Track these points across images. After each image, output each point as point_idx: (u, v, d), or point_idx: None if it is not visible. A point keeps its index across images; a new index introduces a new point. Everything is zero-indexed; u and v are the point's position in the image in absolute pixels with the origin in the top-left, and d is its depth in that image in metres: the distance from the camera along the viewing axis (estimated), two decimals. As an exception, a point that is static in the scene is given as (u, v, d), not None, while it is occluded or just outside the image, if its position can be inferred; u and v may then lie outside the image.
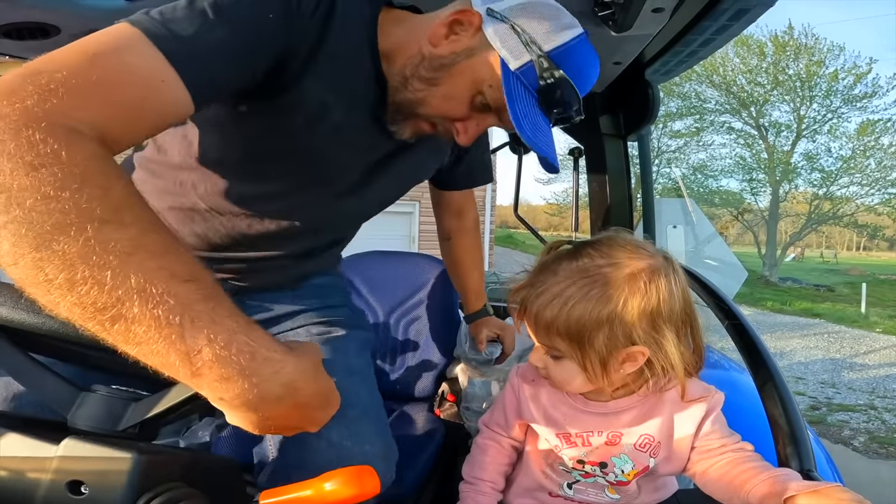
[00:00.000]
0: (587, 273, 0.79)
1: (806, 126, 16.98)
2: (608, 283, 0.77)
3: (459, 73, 0.80)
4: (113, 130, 0.55)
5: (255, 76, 0.72)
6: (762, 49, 16.57)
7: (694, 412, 0.85)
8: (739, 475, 0.78)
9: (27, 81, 0.50)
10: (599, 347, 0.77)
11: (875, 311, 11.92)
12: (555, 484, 0.91)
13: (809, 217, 17.97)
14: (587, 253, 0.81)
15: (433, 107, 0.83)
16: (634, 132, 1.66)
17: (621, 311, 0.76)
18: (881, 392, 5.95)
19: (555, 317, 0.78)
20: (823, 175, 17.22)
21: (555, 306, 0.78)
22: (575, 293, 0.78)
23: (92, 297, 0.44)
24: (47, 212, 0.44)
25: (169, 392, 0.60)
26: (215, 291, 0.50)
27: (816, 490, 0.68)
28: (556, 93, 0.78)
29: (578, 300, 0.77)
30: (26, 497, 0.52)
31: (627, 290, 0.76)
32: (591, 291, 0.77)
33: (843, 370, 6.86)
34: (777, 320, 10.66)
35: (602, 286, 0.77)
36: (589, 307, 0.76)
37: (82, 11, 1.06)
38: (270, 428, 0.54)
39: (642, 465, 0.86)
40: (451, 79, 0.80)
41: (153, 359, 0.47)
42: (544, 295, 0.79)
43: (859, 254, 35.58)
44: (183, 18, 0.64)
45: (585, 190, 1.83)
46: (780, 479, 0.73)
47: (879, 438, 4.60)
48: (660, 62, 1.33)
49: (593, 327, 0.77)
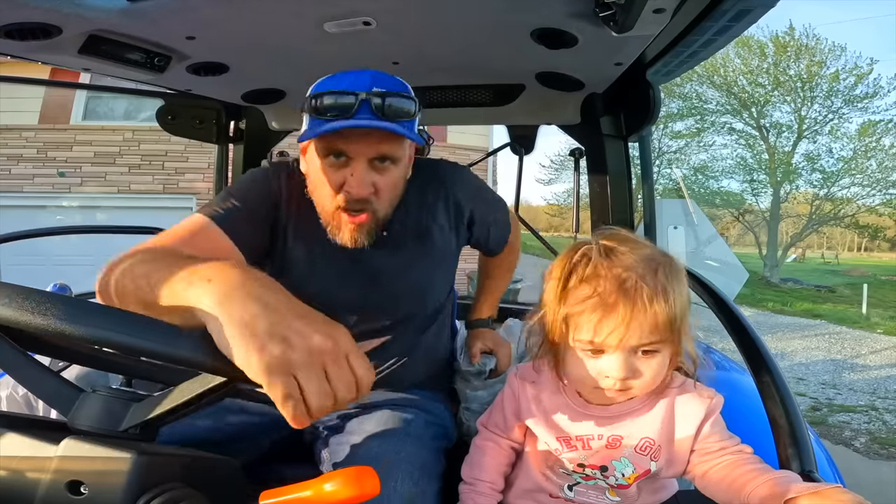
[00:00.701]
0: (653, 258, 0.79)
1: (807, 127, 16.95)
2: (674, 270, 0.79)
3: (308, 168, 1.06)
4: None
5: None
6: (763, 50, 16.55)
7: (694, 415, 0.85)
8: (739, 477, 0.78)
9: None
10: (686, 324, 0.79)
11: (876, 312, 11.90)
12: (555, 486, 0.91)
13: (810, 218, 17.94)
14: (622, 250, 0.80)
15: (318, 197, 1.05)
16: (635, 133, 1.65)
17: (686, 295, 0.80)
18: (882, 393, 5.93)
19: (664, 305, 0.75)
20: (824, 176, 17.19)
21: (660, 294, 0.76)
22: (661, 278, 0.77)
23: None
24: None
25: (170, 393, 0.60)
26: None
27: (817, 491, 0.68)
28: (316, 103, 0.97)
29: (669, 281, 0.77)
30: (26, 497, 0.52)
31: (680, 276, 0.79)
32: (669, 269, 0.79)
33: (844, 371, 6.85)
34: (778, 321, 10.65)
35: (676, 272, 0.79)
36: (683, 292, 0.78)
37: (84, 11, 1.06)
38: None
39: (643, 468, 0.85)
40: (309, 176, 1.06)
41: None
42: (646, 288, 0.76)
43: (860, 255, 35.52)
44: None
45: (586, 191, 1.82)
46: (780, 481, 0.73)
47: (880, 439, 4.59)
48: (661, 63, 1.32)
49: (683, 305, 0.78)
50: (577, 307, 0.78)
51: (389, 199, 1.04)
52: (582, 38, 1.14)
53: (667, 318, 0.76)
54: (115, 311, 0.55)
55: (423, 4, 1.08)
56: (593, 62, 1.31)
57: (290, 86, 1.68)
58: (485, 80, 1.58)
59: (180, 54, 1.34)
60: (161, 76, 1.42)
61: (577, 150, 1.84)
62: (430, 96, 1.67)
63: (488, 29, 1.17)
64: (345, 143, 0.97)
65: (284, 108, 1.87)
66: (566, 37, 1.14)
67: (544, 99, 1.62)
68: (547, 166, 22.61)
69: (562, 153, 20.79)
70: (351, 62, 1.43)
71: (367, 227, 1.02)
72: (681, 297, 0.78)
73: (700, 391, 0.86)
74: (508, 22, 1.12)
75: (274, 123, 2.01)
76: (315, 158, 1.01)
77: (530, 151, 2.04)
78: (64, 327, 0.51)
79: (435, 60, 1.40)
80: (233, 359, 0.53)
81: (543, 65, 1.38)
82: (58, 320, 0.51)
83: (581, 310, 0.78)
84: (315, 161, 1.02)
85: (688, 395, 0.85)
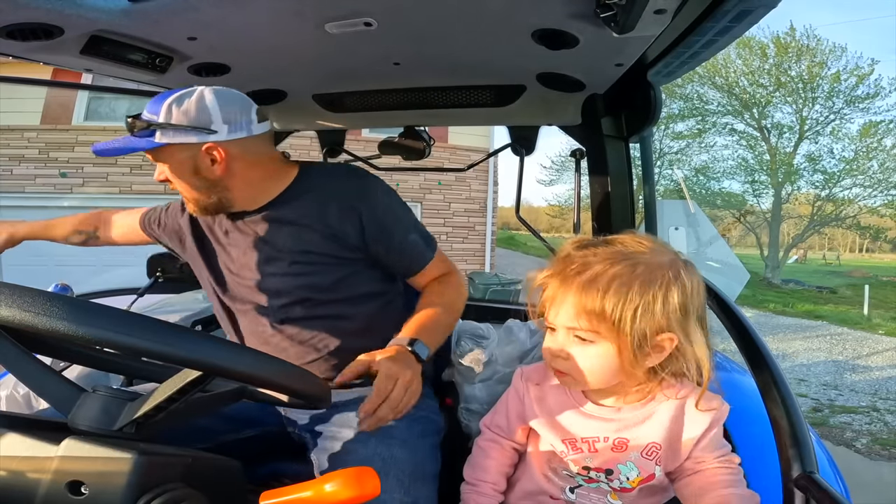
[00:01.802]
0: (629, 257, 0.79)
1: (808, 127, 16.92)
2: (651, 266, 0.78)
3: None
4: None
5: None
6: (764, 50, 16.53)
7: (701, 422, 0.84)
8: (705, 487, 0.83)
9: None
10: (637, 330, 0.76)
11: (878, 313, 11.88)
12: (557, 488, 0.91)
13: (812, 219, 17.90)
14: (620, 241, 0.82)
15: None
16: (636, 134, 1.65)
17: (664, 295, 0.77)
18: (884, 394, 5.92)
19: (600, 297, 0.76)
20: (826, 177, 17.15)
21: (598, 284, 0.77)
22: (620, 272, 0.77)
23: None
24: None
25: (157, 389, 0.60)
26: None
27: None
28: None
29: (624, 280, 0.77)
30: (26, 497, 0.52)
31: (670, 275, 0.78)
32: (636, 271, 0.77)
33: (846, 372, 6.84)
34: (779, 322, 10.63)
35: (646, 268, 0.78)
36: (635, 287, 0.76)
37: (86, 12, 1.06)
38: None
39: (647, 472, 0.85)
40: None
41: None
42: (585, 273, 0.78)
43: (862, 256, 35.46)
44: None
45: (587, 191, 1.82)
46: (729, 500, 0.78)
47: (882, 440, 4.58)
48: (662, 64, 1.32)
49: (636, 308, 0.76)
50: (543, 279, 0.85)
51: (184, 189, 1.16)
52: (583, 39, 1.14)
53: (597, 309, 0.77)
54: (116, 312, 0.55)
55: (424, 5, 1.08)
56: (594, 63, 1.30)
57: (291, 87, 1.68)
58: (485, 80, 1.58)
59: (182, 55, 1.34)
60: (162, 77, 1.42)
61: (577, 151, 1.84)
62: (431, 97, 1.67)
63: (489, 30, 1.17)
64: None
65: (286, 109, 1.87)
66: (567, 37, 1.14)
67: (545, 100, 1.62)
68: (548, 167, 22.66)
69: (562, 154, 20.81)
70: (352, 63, 1.43)
71: (189, 201, 1.19)
72: (634, 301, 0.76)
73: (709, 399, 0.85)
74: (509, 23, 1.12)
75: (275, 124, 2.01)
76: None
77: (531, 152, 2.04)
78: (65, 327, 0.51)
79: (436, 61, 1.40)
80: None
81: (544, 65, 1.38)
82: (59, 320, 0.51)
83: (544, 283, 0.84)
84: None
85: (699, 399, 0.84)
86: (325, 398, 0.76)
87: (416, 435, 1.07)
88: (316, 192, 1.19)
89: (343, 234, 1.15)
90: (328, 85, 1.67)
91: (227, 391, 0.72)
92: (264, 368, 0.60)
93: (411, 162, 2.09)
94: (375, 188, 1.21)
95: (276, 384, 0.63)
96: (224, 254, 1.25)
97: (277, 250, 1.18)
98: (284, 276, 1.17)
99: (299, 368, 0.71)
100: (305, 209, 1.17)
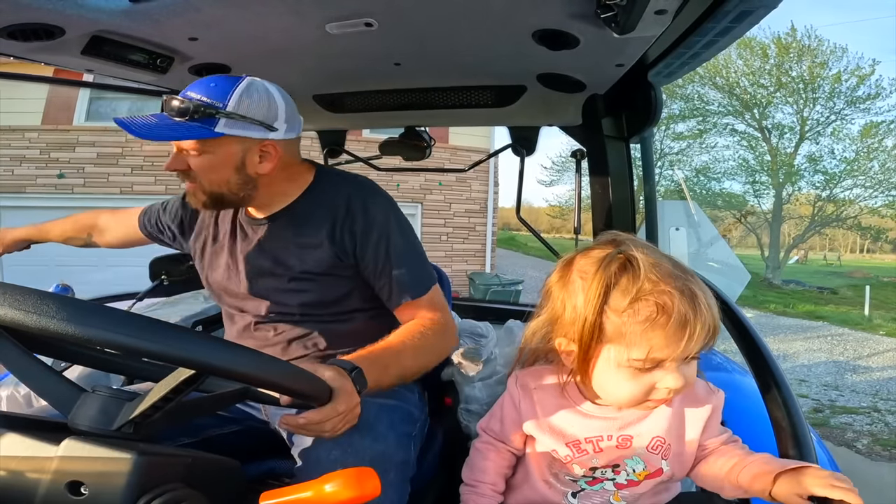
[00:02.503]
0: (688, 271, 0.80)
1: (809, 128, 16.90)
2: (698, 279, 0.80)
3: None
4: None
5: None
6: (765, 51, 16.51)
7: (701, 413, 0.86)
8: (727, 462, 0.83)
9: None
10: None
11: (878, 314, 11.86)
12: (559, 493, 0.90)
13: (813, 219, 17.88)
14: (650, 250, 0.81)
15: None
16: (637, 134, 1.65)
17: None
18: (884, 394, 5.91)
19: (712, 304, 0.78)
20: (827, 177, 17.13)
21: (713, 305, 0.77)
22: (702, 290, 0.78)
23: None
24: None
25: (153, 389, 0.60)
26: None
27: (800, 468, 0.74)
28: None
29: (709, 295, 0.78)
30: (26, 497, 0.52)
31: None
32: (706, 286, 0.79)
33: (847, 373, 6.83)
34: (780, 323, 10.62)
35: (700, 281, 0.80)
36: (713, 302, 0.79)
37: (87, 12, 1.06)
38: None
39: (655, 467, 0.85)
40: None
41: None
42: (699, 294, 0.76)
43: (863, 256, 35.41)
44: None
45: (588, 192, 1.82)
46: (767, 461, 0.79)
47: (882, 441, 4.57)
48: (662, 64, 1.32)
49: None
50: (636, 326, 0.75)
51: (204, 177, 1.10)
52: (583, 40, 1.14)
53: (715, 328, 0.77)
54: (117, 313, 0.55)
55: (425, 6, 1.08)
56: (595, 63, 1.30)
57: (291, 87, 1.67)
58: (486, 81, 1.58)
59: (183, 55, 1.34)
60: (163, 77, 1.42)
61: (578, 152, 1.84)
62: (432, 97, 1.67)
63: (490, 30, 1.17)
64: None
65: (286, 109, 1.87)
66: (567, 38, 1.14)
67: (546, 100, 1.62)
68: (548, 168, 22.65)
69: (563, 154, 20.79)
70: (353, 63, 1.43)
71: (193, 193, 1.13)
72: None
73: (704, 389, 0.87)
74: (510, 23, 1.12)
75: (276, 124, 2.01)
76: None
77: (532, 153, 2.04)
78: (66, 328, 0.51)
79: (436, 62, 1.40)
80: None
81: (545, 66, 1.38)
82: (54, 320, 0.51)
83: (643, 328, 0.74)
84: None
85: (693, 392, 0.85)
86: (322, 396, 0.76)
87: (384, 425, 1.06)
88: (324, 209, 1.17)
89: (343, 252, 1.15)
90: (329, 85, 1.67)
91: (227, 392, 0.72)
92: (257, 367, 0.60)
93: (412, 162, 2.09)
94: (380, 211, 1.17)
95: (270, 382, 0.62)
96: (225, 254, 1.24)
97: (278, 265, 1.17)
98: (283, 292, 1.17)
99: (294, 366, 0.71)
100: (311, 226, 1.16)
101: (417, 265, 1.18)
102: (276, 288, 1.18)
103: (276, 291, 1.18)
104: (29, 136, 8.51)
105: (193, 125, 1.03)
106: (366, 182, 1.24)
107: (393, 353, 1.02)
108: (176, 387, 0.58)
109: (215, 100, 1.03)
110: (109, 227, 1.52)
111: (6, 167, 8.43)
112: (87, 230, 1.52)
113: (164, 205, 1.40)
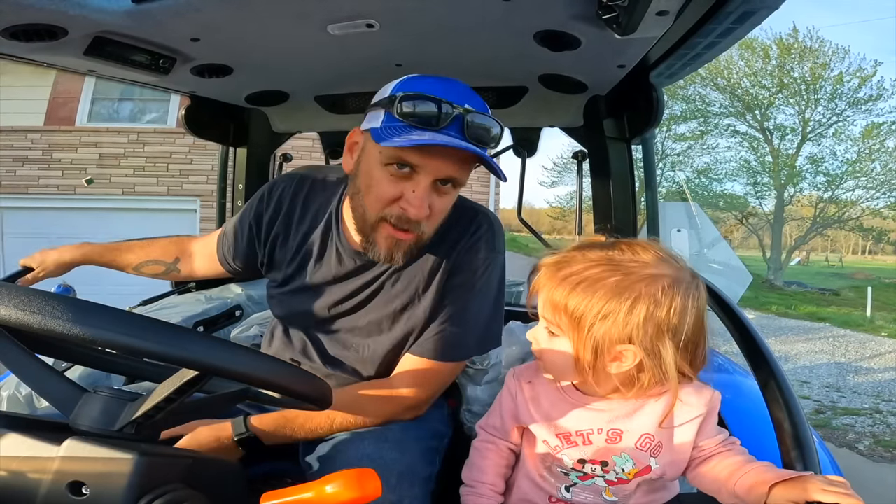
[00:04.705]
0: (612, 262, 0.81)
1: (811, 129, 16.89)
2: (627, 277, 0.78)
3: (359, 169, 0.98)
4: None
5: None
6: (767, 52, 16.50)
7: (695, 413, 0.85)
8: (726, 468, 0.82)
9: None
10: (596, 335, 0.78)
11: (880, 315, 11.84)
12: (552, 487, 0.91)
13: (814, 221, 17.87)
14: (621, 247, 0.83)
15: (364, 201, 0.98)
16: (638, 135, 1.65)
17: (629, 308, 0.77)
18: (886, 396, 5.90)
19: (566, 294, 0.80)
20: (828, 178, 17.12)
21: (569, 283, 0.80)
22: (592, 276, 0.79)
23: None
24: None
25: (156, 390, 0.60)
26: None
27: (796, 477, 0.73)
28: (405, 106, 0.90)
29: (591, 283, 0.79)
30: (27, 498, 0.52)
31: (643, 290, 0.77)
32: (609, 279, 0.78)
33: (848, 374, 6.82)
34: (782, 324, 10.60)
35: (620, 277, 0.78)
36: (600, 293, 0.78)
37: (90, 13, 1.06)
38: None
39: (643, 464, 0.86)
40: (358, 177, 0.98)
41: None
42: (563, 270, 0.82)
43: (864, 257, 35.36)
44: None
45: (589, 193, 1.82)
46: (764, 469, 0.78)
47: (884, 442, 4.56)
48: (664, 65, 1.32)
49: (597, 314, 0.78)
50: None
51: (437, 223, 0.98)
52: (585, 41, 1.14)
53: (560, 303, 0.80)
54: (121, 314, 0.55)
55: (426, 7, 1.08)
56: (596, 64, 1.31)
57: (293, 88, 1.69)
58: (488, 82, 1.58)
59: (185, 56, 1.35)
60: (165, 78, 1.43)
61: (580, 153, 1.84)
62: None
63: (491, 31, 1.17)
64: (420, 157, 0.89)
65: (288, 111, 1.87)
66: (569, 39, 1.14)
67: (547, 101, 1.62)
68: (549, 169, 22.60)
69: (564, 156, 20.77)
70: (354, 64, 1.43)
71: (406, 246, 0.96)
72: (597, 304, 0.77)
73: (698, 389, 0.86)
74: (511, 24, 1.12)
75: (279, 125, 2.01)
76: (374, 162, 0.94)
77: (533, 154, 2.04)
78: (70, 328, 0.51)
79: (438, 62, 1.41)
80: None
81: (546, 67, 1.38)
82: (55, 320, 0.51)
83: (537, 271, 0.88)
84: (373, 165, 0.94)
85: (686, 393, 0.85)
86: (325, 399, 0.75)
87: (412, 438, 1.06)
88: (439, 258, 1.04)
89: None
90: (330, 86, 1.67)
91: (228, 392, 0.72)
92: (261, 368, 0.60)
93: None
94: (482, 277, 1.05)
95: (273, 384, 0.62)
96: (326, 282, 1.10)
97: (374, 321, 1.07)
98: (365, 338, 1.10)
99: (298, 368, 0.71)
100: (423, 275, 1.05)
101: (463, 334, 1.06)
102: (359, 334, 1.10)
103: (356, 336, 1.10)
104: (31, 137, 8.54)
105: (483, 151, 0.91)
106: (492, 238, 1.10)
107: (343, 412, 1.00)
108: (179, 387, 0.58)
109: (493, 128, 0.93)
110: (195, 254, 1.31)
111: (9, 168, 8.45)
112: (171, 256, 1.30)
113: (234, 229, 1.21)
